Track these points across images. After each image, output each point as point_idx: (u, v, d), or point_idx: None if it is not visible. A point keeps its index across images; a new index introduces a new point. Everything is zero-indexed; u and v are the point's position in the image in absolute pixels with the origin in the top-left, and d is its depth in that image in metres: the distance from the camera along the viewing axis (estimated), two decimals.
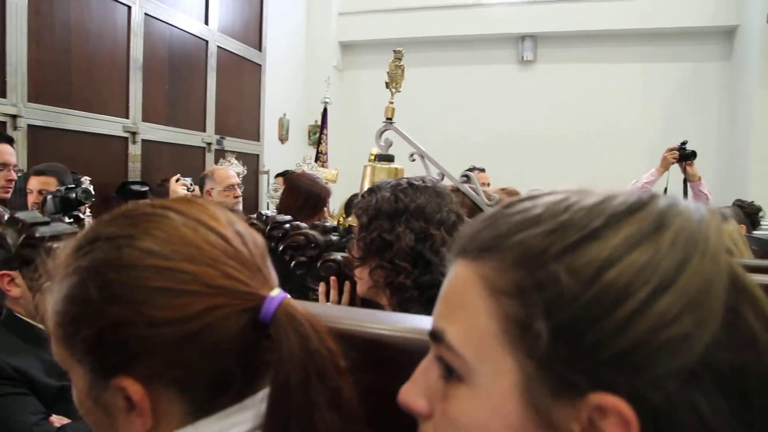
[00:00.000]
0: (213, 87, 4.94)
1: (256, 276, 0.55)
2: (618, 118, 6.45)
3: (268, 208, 3.62)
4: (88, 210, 2.60)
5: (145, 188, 3.66)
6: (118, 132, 3.90)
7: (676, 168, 3.49)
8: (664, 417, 0.34)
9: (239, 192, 2.80)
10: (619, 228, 0.36)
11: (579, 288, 0.35)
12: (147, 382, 0.51)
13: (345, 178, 5.01)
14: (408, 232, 1.00)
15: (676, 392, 0.34)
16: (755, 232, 3.13)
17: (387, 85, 1.71)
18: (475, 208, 1.61)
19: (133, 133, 4.01)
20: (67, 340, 0.53)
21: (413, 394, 0.45)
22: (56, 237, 0.91)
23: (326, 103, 5.45)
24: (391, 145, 1.74)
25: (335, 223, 3.92)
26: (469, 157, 5.79)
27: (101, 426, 0.55)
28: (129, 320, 0.50)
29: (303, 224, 1.30)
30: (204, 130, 4.88)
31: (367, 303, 1.16)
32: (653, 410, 0.34)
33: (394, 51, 1.71)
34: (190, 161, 4.76)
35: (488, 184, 3.82)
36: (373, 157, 3.26)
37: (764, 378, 0.35)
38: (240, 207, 2.80)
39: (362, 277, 1.08)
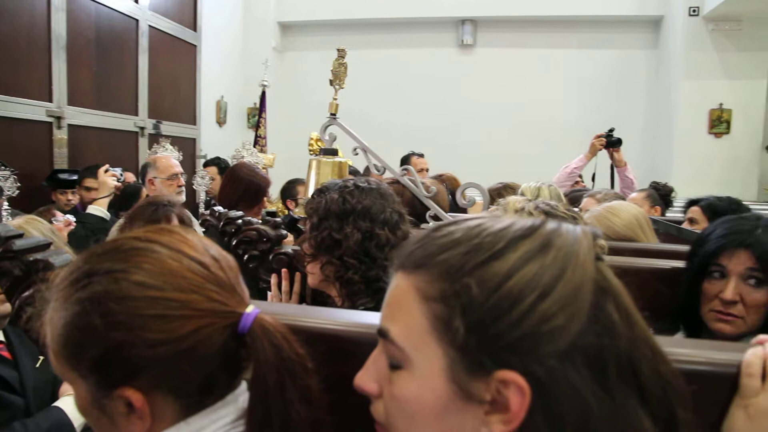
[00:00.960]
0: (145, 68, 4.75)
1: (233, 296, 0.64)
2: (553, 102, 6.72)
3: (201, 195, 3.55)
4: (6, 203, 2.45)
5: (75, 177, 3.50)
6: (41, 116, 3.69)
7: (605, 153, 3.71)
8: (548, 386, 0.47)
9: (183, 181, 2.74)
10: (516, 248, 0.50)
11: (485, 295, 0.48)
12: (146, 391, 0.60)
13: (285, 162, 4.99)
14: (355, 232, 1.09)
15: (555, 368, 0.47)
16: (668, 213, 3.40)
17: (331, 82, 1.74)
18: (414, 199, 1.69)
19: (58, 118, 3.81)
20: (72, 359, 0.61)
21: (366, 379, 0.57)
22: (34, 249, 0.94)
23: (264, 86, 5.36)
24: (335, 139, 1.79)
25: (274, 209, 3.92)
26: (410, 139, 5.89)
27: (104, 428, 0.63)
28: (129, 343, 0.58)
29: (255, 219, 1.34)
30: (136, 114, 4.70)
31: (318, 293, 1.23)
32: (540, 381, 0.47)
33: (338, 50, 1.75)
34: (122, 147, 4.59)
35: (427, 170, 3.92)
36: (313, 141, 3.29)
37: (618, 355, 0.48)
38: (183, 197, 2.74)
39: (314, 272, 1.14)
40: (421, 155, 3.94)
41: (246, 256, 1.29)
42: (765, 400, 0.64)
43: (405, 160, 3.91)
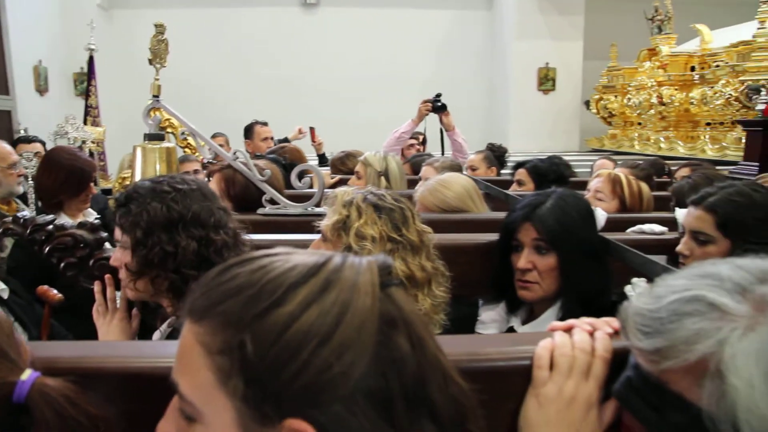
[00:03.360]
0: None
1: (2, 363, 0.58)
2: (396, 62, 6.90)
3: (28, 180, 3.17)
4: None
5: None
6: None
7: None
8: (333, 430, 0.49)
9: (24, 170, 2.43)
10: (296, 294, 0.50)
11: (263, 350, 0.49)
12: None
13: (124, 133, 4.59)
14: (190, 241, 1.04)
15: (339, 412, 0.49)
16: (504, 171, 3.74)
17: (150, 62, 1.65)
18: (248, 183, 1.68)
19: None
20: None
21: (167, 429, 0.56)
22: None
23: (91, 50, 4.84)
24: (159, 123, 1.71)
25: (110, 186, 3.61)
26: (252, 105, 5.71)
27: None
28: None
29: (68, 223, 1.25)
30: None
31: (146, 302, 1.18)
32: (325, 427, 0.49)
33: (156, 25, 1.65)
34: None
35: (272, 138, 3.86)
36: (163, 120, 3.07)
37: (406, 387, 0.51)
38: (22, 188, 2.45)
39: (141, 289, 1.08)
40: (265, 124, 3.85)
41: (62, 265, 1.21)
42: (552, 389, 0.70)
43: (248, 130, 3.82)
